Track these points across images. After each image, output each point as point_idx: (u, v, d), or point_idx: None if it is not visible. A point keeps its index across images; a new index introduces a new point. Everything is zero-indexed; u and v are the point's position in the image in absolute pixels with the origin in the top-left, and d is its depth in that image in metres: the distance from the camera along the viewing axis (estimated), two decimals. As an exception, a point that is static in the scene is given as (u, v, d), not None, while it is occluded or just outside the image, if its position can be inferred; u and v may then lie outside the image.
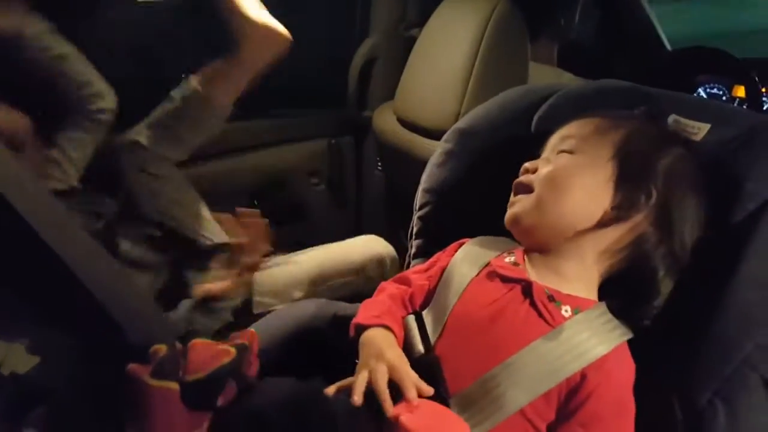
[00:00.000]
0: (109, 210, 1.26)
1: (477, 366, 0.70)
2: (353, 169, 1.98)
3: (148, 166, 1.27)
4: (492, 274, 0.76)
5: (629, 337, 0.71)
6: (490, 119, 0.96)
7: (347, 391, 0.67)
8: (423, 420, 0.62)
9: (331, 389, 0.69)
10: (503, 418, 0.67)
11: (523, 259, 0.77)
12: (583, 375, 0.67)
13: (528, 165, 0.79)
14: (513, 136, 0.92)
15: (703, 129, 0.79)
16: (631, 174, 0.72)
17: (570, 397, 0.67)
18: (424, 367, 0.71)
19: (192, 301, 1.25)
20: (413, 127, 1.53)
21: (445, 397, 0.69)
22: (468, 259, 0.81)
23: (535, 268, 0.75)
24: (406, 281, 0.86)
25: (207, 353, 0.70)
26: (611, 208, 0.72)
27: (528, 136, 0.90)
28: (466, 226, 0.87)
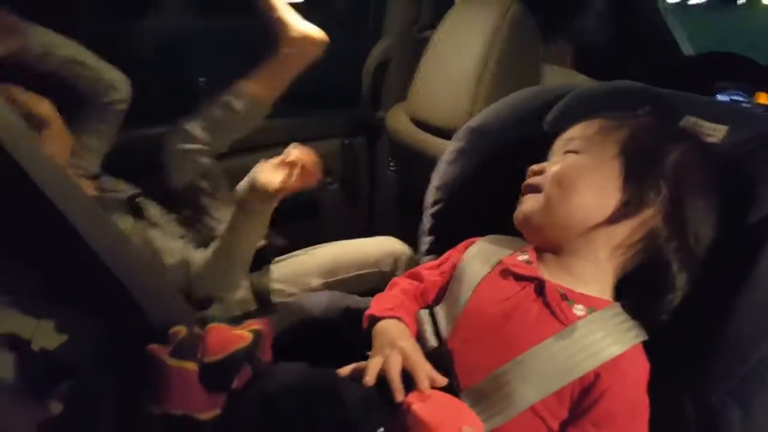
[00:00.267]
0: (126, 195, 1.30)
1: (489, 362, 0.71)
2: (366, 169, 2.00)
3: (191, 153, 1.38)
4: (505, 272, 0.77)
5: (644, 338, 0.71)
6: (501, 119, 0.98)
7: (359, 378, 0.69)
8: (434, 409, 0.63)
9: (345, 370, 0.71)
10: (514, 414, 0.68)
11: (536, 257, 0.78)
12: (596, 374, 0.67)
13: (535, 167, 0.80)
14: (524, 136, 0.93)
15: (721, 131, 0.80)
16: (637, 170, 0.73)
17: (583, 396, 0.68)
18: (436, 361, 0.72)
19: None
20: (426, 127, 1.54)
21: (457, 390, 0.70)
22: (481, 256, 0.82)
23: (548, 267, 0.76)
24: (418, 277, 0.87)
25: (224, 337, 0.72)
26: (620, 204, 0.72)
27: (539, 136, 0.91)
28: (477, 224, 0.88)
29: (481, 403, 0.70)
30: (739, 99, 1.87)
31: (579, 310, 0.72)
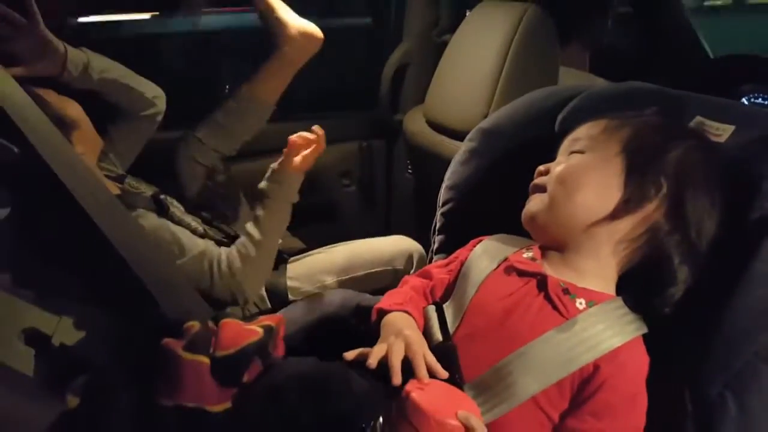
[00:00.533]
0: (150, 193, 1.32)
1: (492, 354, 0.72)
2: (384, 171, 2.02)
3: (199, 156, 1.42)
4: (509, 268, 0.79)
5: (644, 331, 0.72)
6: (514, 119, 0.98)
7: (363, 362, 0.70)
8: (432, 397, 0.64)
9: (350, 354, 0.72)
10: (515, 404, 0.69)
11: (540, 255, 0.79)
12: (596, 366, 0.68)
13: (541, 168, 0.81)
14: (537, 137, 0.94)
15: (727, 130, 0.80)
16: (639, 167, 0.74)
17: (582, 387, 0.69)
18: (442, 354, 0.73)
19: None
20: (442, 129, 1.55)
21: (461, 383, 0.72)
22: (487, 253, 0.83)
23: (552, 263, 0.77)
24: (428, 275, 0.89)
25: (236, 332, 0.74)
26: (622, 201, 0.73)
27: (552, 136, 0.91)
28: (488, 224, 0.89)
29: (484, 395, 0.71)
30: (764, 102, 1.84)
31: (581, 303, 0.73)
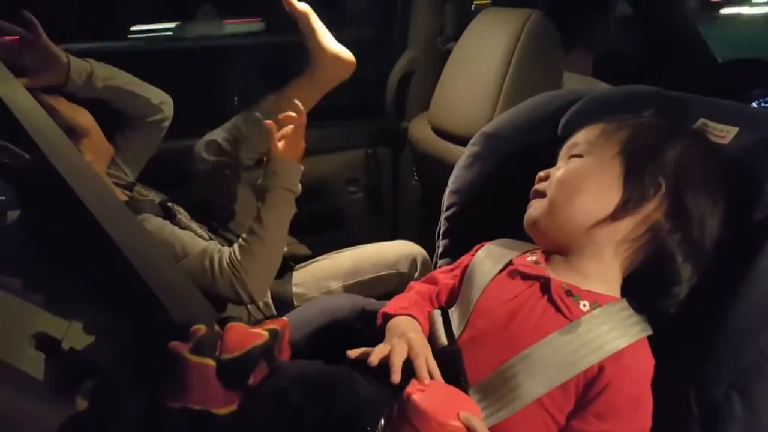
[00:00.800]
0: (158, 200, 1.34)
1: (496, 357, 0.72)
2: (390, 178, 2.03)
3: (217, 164, 1.42)
4: (513, 272, 0.79)
5: (649, 333, 0.72)
6: (517, 124, 0.99)
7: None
8: (432, 398, 0.64)
9: (353, 352, 0.73)
10: (520, 407, 0.69)
11: (544, 259, 0.79)
12: (600, 367, 0.68)
13: (541, 173, 0.82)
14: (539, 141, 0.94)
15: (731, 132, 0.80)
16: (637, 167, 0.74)
17: (587, 389, 0.69)
18: (447, 358, 0.74)
19: None
20: (446, 135, 1.57)
21: (465, 386, 0.72)
22: (490, 257, 0.84)
23: (555, 267, 0.77)
24: (433, 281, 0.90)
25: (242, 335, 0.75)
26: (621, 202, 0.74)
27: (554, 140, 0.91)
28: (491, 228, 0.89)
29: (489, 398, 0.71)
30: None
31: (584, 305, 0.73)
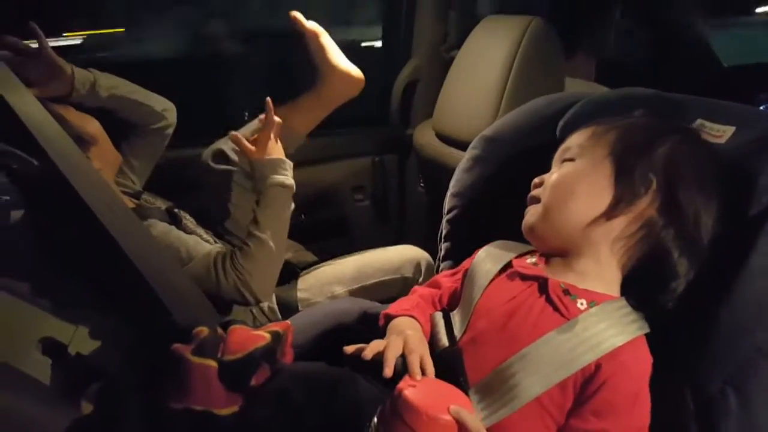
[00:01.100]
0: (165, 206, 1.36)
1: (495, 357, 0.73)
2: (396, 185, 2.04)
3: (225, 171, 1.43)
4: (513, 274, 0.80)
5: (646, 331, 0.72)
6: (516, 127, 1.00)
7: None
8: (424, 393, 0.65)
9: (350, 348, 0.74)
10: (519, 405, 0.70)
11: (543, 261, 0.80)
12: (597, 365, 0.69)
13: (536, 180, 0.83)
14: (539, 143, 0.95)
15: (728, 132, 0.81)
16: (627, 166, 0.75)
17: (585, 387, 0.69)
18: (447, 359, 0.75)
19: None
20: (450, 141, 1.58)
21: (466, 387, 0.73)
22: (490, 257, 0.85)
23: (554, 268, 0.78)
24: (436, 284, 0.91)
25: (244, 337, 0.76)
26: (613, 201, 0.74)
27: (554, 143, 0.91)
28: (492, 230, 0.90)
29: (489, 397, 0.72)
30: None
31: (581, 304, 0.73)
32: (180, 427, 0.71)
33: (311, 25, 1.39)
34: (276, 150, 1.25)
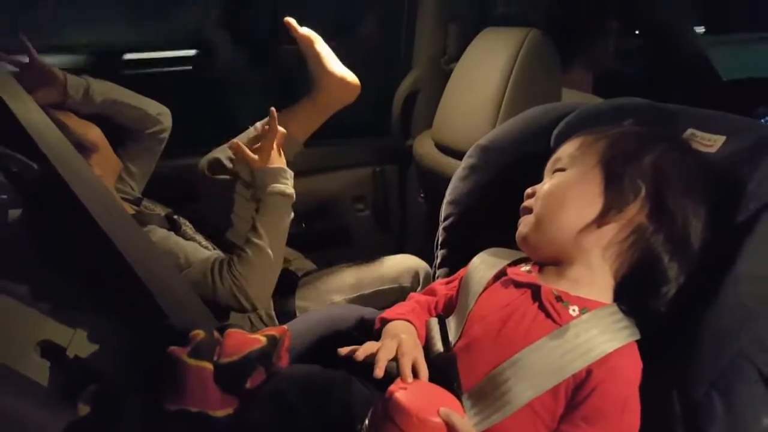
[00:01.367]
0: (164, 213, 1.37)
1: (488, 363, 0.74)
2: (397, 196, 2.05)
3: (222, 179, 1.41)
4: (507, 281, 0.81)
5: (637, 337, 0.73)
6: (511, 136, 1.02)
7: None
8: (414, 395, 0.65)
9: (343, 350, 0.75)
10: (512, 411, 0.70)
11: (537, 269, 0.81)
12: (588, 371, 0.69)
13: (529, 190, 0.84)
14: (533, 152, 0.96)
15: (719, 141, 0.82)
16: (615, 174, 0.76)
17: (576, 393, 0.69)
18: (442, 364, 0.76)
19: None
20: (449, 151, 1.60)
21: (459, 392, 0.73)
22: (485, 264, 0.86)
23: (547, 276, 0.79)
24: (432, 292, 0.92)
25: (241, 340, 0.77)
26: (603, 209, 0.75)
27: (548, 152, 0.92)
28: (487, 237, 0.91)
29: (481, 403, 0.72)
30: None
31: (573, 311, 0.74)
32: (176, 428, 0.71)
33: (305, 31, 1.40)
34: (278, 159, 1.26)
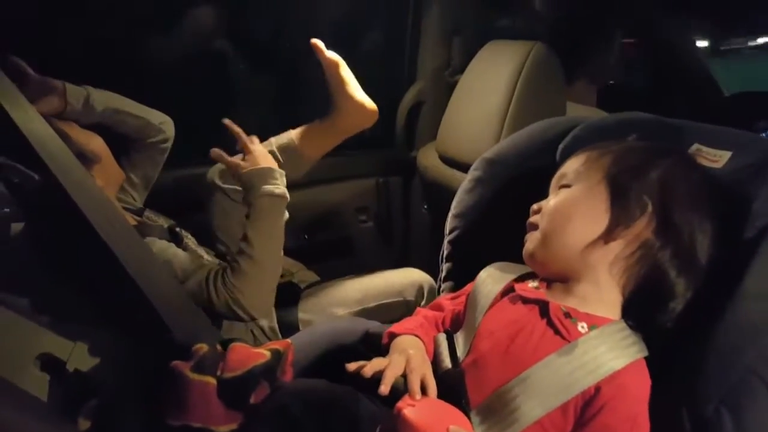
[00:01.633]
0: (167, 224, 1.36)
1: (497, 380, 0.73)
2: (400, 207, 2.05)
3: (230, 191, 1.40)
4: (515, 297, 0.80)
5: (645, 354, 0.72)
6: (517, 149, 1.01)
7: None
8: (423, 412, 0.65)
9: (352, 365, 0.74)
10: (521, 428, 0.69)
11: (545, 285, 0.80)
12: (597, 388, 0.69)
13: (534, 206, 0.84)
14: (539, 166, 0.95)
15: (724, 156, 0.82)
16: (621, 190, 0.76)
17: (585, 410, 0.69)
18: (450, 380, 0.75)
19: None
20: (453, 163, 1.59)
21: (467, 408, 0.73)
22: (492, 277, 0.85)
23: (555, 292, 0.79)
24: (439, 307, 0.92)
25: (244, 354, 0.76)
26: (610, 225, 0.75)
27: (554, 166, 0.92)
28: (492, 250, 0.90)
29: (490, 419, 0.71)
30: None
31: (582, 327, 0.73)
32: (177, 444, 0.70)
33: (331, 55, 1.39)
34: (265, 159, 1.23)
